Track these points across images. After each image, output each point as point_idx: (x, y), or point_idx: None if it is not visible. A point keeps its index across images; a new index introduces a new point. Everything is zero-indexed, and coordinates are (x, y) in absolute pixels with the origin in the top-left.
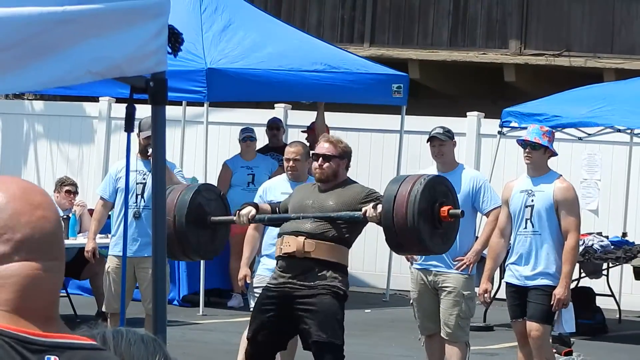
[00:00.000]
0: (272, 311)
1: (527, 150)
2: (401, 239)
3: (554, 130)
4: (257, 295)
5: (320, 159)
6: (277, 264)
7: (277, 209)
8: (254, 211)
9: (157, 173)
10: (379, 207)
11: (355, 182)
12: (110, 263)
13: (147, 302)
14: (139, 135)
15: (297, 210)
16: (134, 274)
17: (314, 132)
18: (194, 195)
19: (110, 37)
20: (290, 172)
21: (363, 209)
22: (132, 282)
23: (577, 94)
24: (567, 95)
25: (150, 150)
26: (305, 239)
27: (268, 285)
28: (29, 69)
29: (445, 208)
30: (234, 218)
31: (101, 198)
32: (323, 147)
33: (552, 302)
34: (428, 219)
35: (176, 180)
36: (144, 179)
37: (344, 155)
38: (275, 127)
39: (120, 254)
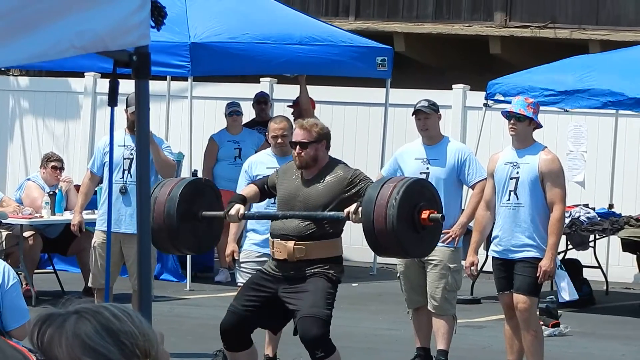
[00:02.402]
0: (261, 292)
1: (511, 121)
2: (381, 243)
3: (538, 102)
4: (244, 269)
5: (297, 146)
6: (271, 260)
7: (265, 186)
8: (242, 209)
9: (140, 147)
10: (360, 211)
11: (339, 163)
12: (97, 238)
13: (134, 278)
14: (126, 111)
15: (285, 204)
16: (121, 249)
17: (299, 106)
18: (185, 189)
19: (94, 10)
20: (279, 148)
21: (345, 211)
22: (119, 258)
23: (563, 65)
24: (553, 67)
25: None
26: (294, 243)
27: (263, 269)
28: (12, 44)
29: (426, 212)
30: (223, 213)
31: (90, 172)
32: (298, 134)
33: (538, 274)
34: (408, 224)
35: (163, 156)
36: (132, 154)
37: (320, 138)
38: (262, 101)
39: (106, 228)
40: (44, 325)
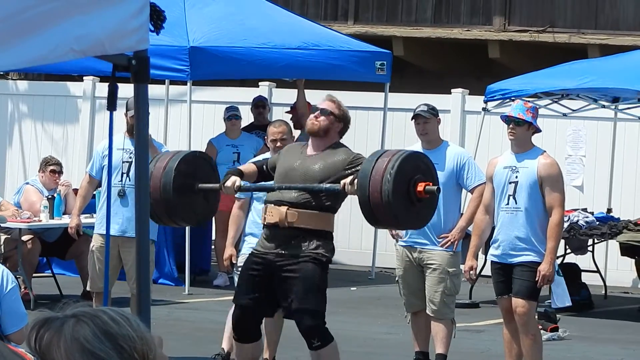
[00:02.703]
0: (257, 277)
1: (510, 126)
2: (376, 214)
3: (537, 107)
4: None
5: (318, 111)
6: (262, 231)
7: (264, 166)
8: (238, 181)
9: (139, 151)
10: (356, 182)
11: (344, 146)
12: (95, 242)
13: (132, 282)
14: (126, 115)
15: (284, 173)
16: (119, 253)
17: (296, 111)
18: (181, 162)
19: (93, 14)
20: (278, 151)
21: (342, 182)
22: (118, 262)
23: (561, 69)
24: (551, 71)
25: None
26: (287, 208)
27: (254, 250)
28: (12, 47)
29: (421, 184)
30: (219, 186)
31: (88, 175)
32: (324, 103)
33: (537, 279)
34: (404, 196)
35: None
36: (130, 157)
37: (341, 117)
38: (261, 105)
39: (104, 232)
40: (42, 329)
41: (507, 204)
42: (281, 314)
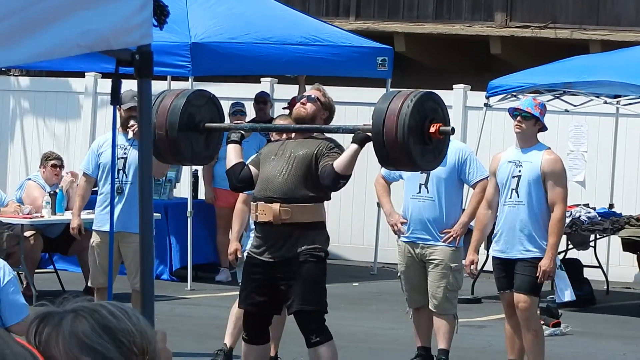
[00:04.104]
0: (258, 282)
1: (517, 119)
2: (391, 155)
3: (545, 104)
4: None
5: (304, 98)
6: (255, 229)
7: (247, 166)
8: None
9: (143, 146)
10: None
11: (325, 138)
12: (94, 238)
13: (133, 277)
14: (119, 108)
15: (265, 159)
16: (119, 248)
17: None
18: (187, 100)
19: (98, 9)
20: None
21: (355, 131)
22: (117, 257)
23: (563, 65)
24: (553, 67)
25: (131, 123)
26: (280, 205)
27: (250, 252)
28: (18, 43)
29: (435, 125)
30: (228, 125)
31: (84, 174)
32: (311, 90)
33: (538, 274)
34: (418, 136)
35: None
36: (125, 153)
37: (327, 106)
38: (262, 101)
39: (102, 229)
40: (41, 324)
41: (510, 197)
42: (285, 310)
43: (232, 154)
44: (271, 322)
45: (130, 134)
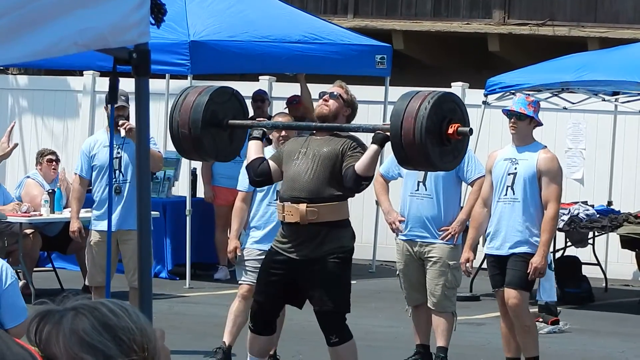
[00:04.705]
0: (278, 277)
1: (512, 120)
2: (409, 156)
3: (539, 101)
4: (248, 267)
5: (327, 95)
6: (281, 227)
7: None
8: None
9: (141, 145)
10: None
11: (352, 136)
12: (93, 237)
13: (131, 275)
14: (106, 108)
15: (289, 157)
16: (117, 247)
17: (299, 105)
18: (210, 98)
19: (95, 7)
20: (282, 142)
21: (375, 130)
22: (116, 255)
23: (561, 62)
24: (551, 64)
25: (121, 122)
26: (306, 205)
27: (274, 247)
28: (16, 41)
29: (453, 125)
30: (252, 122)
31: (79, 177)
32: (333, 87)
33: (529, 270)
34: (435, 137)
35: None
36: (118, 152)
37: (349, 103)
38: (260, 99)
39: (101, 229)
40: (41, 323)
41: (505, 194)
42: (284, 309)
43: (252, 150)
44: (279, 315)
45: (123, 133)
